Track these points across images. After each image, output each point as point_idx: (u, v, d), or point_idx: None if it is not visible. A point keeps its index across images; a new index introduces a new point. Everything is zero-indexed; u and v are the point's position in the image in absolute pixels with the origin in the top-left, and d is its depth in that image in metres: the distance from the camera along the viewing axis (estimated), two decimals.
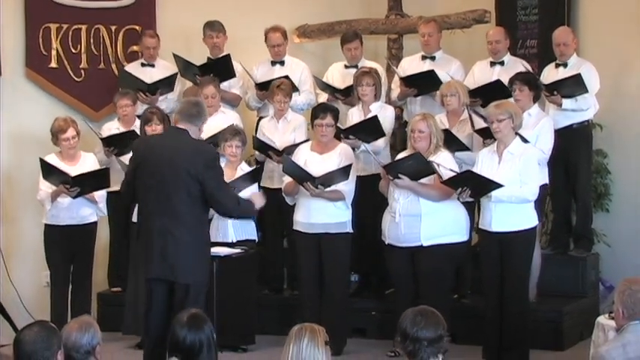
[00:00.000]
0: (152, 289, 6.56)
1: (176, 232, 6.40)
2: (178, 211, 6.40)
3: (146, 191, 6.53)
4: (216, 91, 8.83)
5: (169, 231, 6.41)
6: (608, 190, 9.26)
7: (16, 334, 4.69)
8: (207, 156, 6.55)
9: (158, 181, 6.43)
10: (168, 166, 6.42)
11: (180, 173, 6.38)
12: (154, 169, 6.47)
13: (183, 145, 6.51)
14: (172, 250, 6.41)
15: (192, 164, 6.40)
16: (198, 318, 4.98)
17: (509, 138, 7.56)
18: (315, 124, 8.16)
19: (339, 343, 7.93)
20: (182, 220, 6.41)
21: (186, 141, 6.53)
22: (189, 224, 6.43)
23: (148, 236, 6.51)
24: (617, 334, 5.07)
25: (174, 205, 6.40)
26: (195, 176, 6.38)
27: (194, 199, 6.42)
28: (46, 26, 9.71)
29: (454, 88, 8.31)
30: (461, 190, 7.49)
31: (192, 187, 6.39)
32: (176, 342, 4.89)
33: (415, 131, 7.75)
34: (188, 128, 6.56)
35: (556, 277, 8.58)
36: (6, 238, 9.40)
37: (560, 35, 8.77)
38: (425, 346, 4.53)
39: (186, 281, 6.42)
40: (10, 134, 9.47)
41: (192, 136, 6.57)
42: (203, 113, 6.67)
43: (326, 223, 8.01)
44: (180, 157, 6.44)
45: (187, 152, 6.47)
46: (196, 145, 6.59)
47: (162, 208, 6.42)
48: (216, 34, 9.31)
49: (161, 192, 6.42)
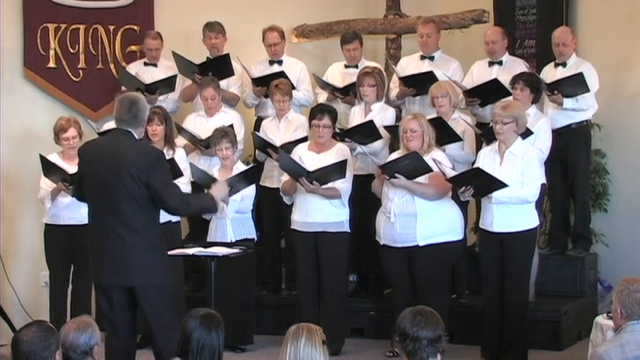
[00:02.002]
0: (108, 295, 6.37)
1: (125, 236, 6.26)
2: (125, 216, 6.26)
3: (92, 198, 6.42)
4: (215, 93, 8.81)
5: (118, 236, 6.27)
6: (607, 190, 9.26)
7: (15, 333, 4.69)
8: (151, 157, 6.37)
9: (102, 188, 6.31)
10: (110, 171, 6.27)
11: (125, 178, 6.23)
12: (97, 175, 6.35)
13: (125, 147, 6.33)
14: (121, 254, 6.27)
15: (136, 167, 6.24)
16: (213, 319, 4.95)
17: (510, 139, 7.56)
18: (312, 124, 8.17)
19: (337, 342, 7.94)
20: (130, 224, 6.27)
21: (128, 144, 6.35)
22: (138, 228, 6.28)
23: (97, 243, 6.38)
24: (616, 334, 5.07)
25: (121, 210, 6.26)
26: (139, 179, 6.23)
27: (141, 202, 6.27)
28: (44, 26, 9.70)
29: (444, 90, 8.30)
30: (464, 188, 7.49)
31: (138, 190, 6.24)
32: (185, 339, 4.87)
33: (407, 131, 7.75)
34: (130, 129, 6.39)
35: (554, 277, 8.59)
36: (4, 238, 9.40)
37: (559, 35, 8.77)
38: (425, 345, 4.53)
39: (136, 284, 6.29)
40: (9, 134, 9.46)
41: (136, 137, 6.41)
42: (141, 111, 6.40)
43: (323, 222, 8.02)
44: (123, 161, 6.27)
45: (130, 156, 6.29)
46: (139, 148, 6.42)
47: (109, 213, 6.29)
48: (215, 34, 9.31)
49: (107, 197, 6.29)
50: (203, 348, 4.84)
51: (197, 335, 4.85)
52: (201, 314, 4.93)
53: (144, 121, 6.50)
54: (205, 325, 4.88)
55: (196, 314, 4.94)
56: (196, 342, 4.84)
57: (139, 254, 6.27)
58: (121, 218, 6.25)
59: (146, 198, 6.27)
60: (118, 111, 6.42)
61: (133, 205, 6.25)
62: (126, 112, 6.36)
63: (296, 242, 8.21)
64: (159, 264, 6.36)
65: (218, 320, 4.97)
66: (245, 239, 8.11)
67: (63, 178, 8.13)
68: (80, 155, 6.62)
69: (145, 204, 6.28)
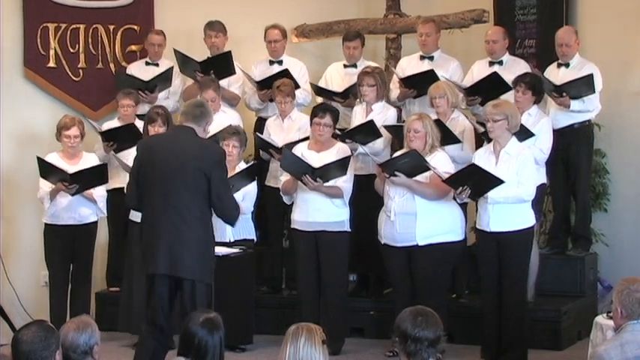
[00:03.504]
0: (155, 284, 6.46)
1: (182, 228, 6.34)
2: (184, 208, 6.34)
3: (152, 189, 6.44)
4: (216, 95, 8.80)
5: (176, 227, 6.34)
6: (607, 189, 9.25)
7: (15, 333, 4.68)
8: (217, 153, 6.54)
9: (164, 178, 6.37)
10: (175, 162, 6.36)
11: (188, 169, 6.33)
12: (160, 165, 6.41)
13: (190, 142, 6.47)
14: (178, 246, 6.34)
15: (201, 160, 6.36)
16: (214, 322, 4.95)
17: (504, 138, 7.57)
18: (314, 122, 8.16)
19: (337, 342, 7.94)
20: (188, 217, 6.35)
21: (193, 138, 6.49)
22: (196, 221, 6.37)
23: (152, 233, 6.43)
24: (616, 334, 5.07)
25: (181, 202, 6.33)
26: (203, 171, 6.32)
27: (201, 196, 6.36)
28: (44, 26, 9.71)
29: (442, 90, 8.29)
30: (461, 189, 7.49)
31: (200, 182, 6.33)
32: (188, 339, 4.88)
33: (411, 131, 7.76)
34: (194, 127, 6.53)
35: (554, 277, 8.59)
36: (4, 237, 9.40)
37: (562, 36, 8.76)
38: (425, 346, 4.53)
39: (191, 277, 6.37)
40: (9, 134, 9.46)
41: (198, 134, 6.54)
42: (207, 114, 6.63)
43: (324, 222, 8.02)
44: (188, 152, 6.40)
45: (196, 148, 6.44)
46: (204, 143, 6.59)
47: (169, 205, 6.35)
48: (215, 33, 9.30)
49: (167, 189, 6.35)
50: (206, 351, 4.85)
51: (199, 337, 4.85)
52: (203, 318, 4.93)
53: (207, 124, 6.62)
54: (208, 329, 4.89)
55: (198, 317, 4.94)
56: (198, 344, 4.85)
57: (193, 247, 6.35)
58: (180, 211, 6.33)
59: (205, 192, 6.35)
60: (188, 108, 6.66)
61: (192, 198, 6.34)
62: (196, 108, 6.60)
63: (296, 242, 8.21)
64: (208, 260, 6.47)
65: (219, 323, 4.98)
66: (244, 240, 8.11)
67: (62, 178, 8.13)
68: (139, 149, 6.67)
69: (203, 198, 6.36)
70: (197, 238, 6.38)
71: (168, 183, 6.36)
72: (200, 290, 6.39)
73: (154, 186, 6.43)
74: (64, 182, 8.13)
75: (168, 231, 6.35)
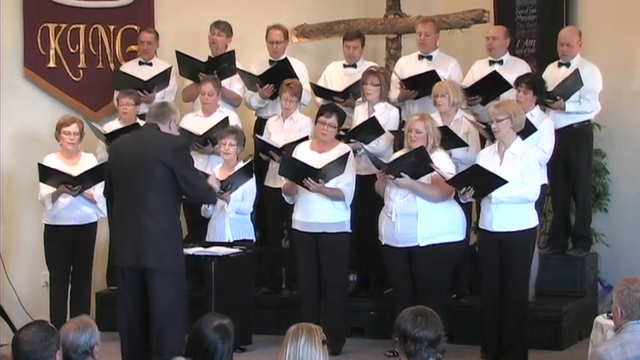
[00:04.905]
0: (124, 276, 6.76)
1: (146, 220, 6.60)
2: (147, 200, 6.60)
3: (118, 186, 6.79)
4: (214, 90, 8.79)
5: (139, 219, 6.61)
6: (607, 189, 9.25)
7: (15, 333, 4.69)
8: (173, 142, 6.79)
9: (127, 173, 6.68)
10: (136, 157, 6.66)
11: (148, 161, 6.61)
12: (124, 162, 6.74)
13: (151, 136, 6.80)
14: (142, 237, 6.60)
15: (158, 150, 6.64)
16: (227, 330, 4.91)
17: (509, 138, 7.57)
18: (319, 121, 8.15)
19: (337, 342, 7.94)
20: (152, 208, 6.61)
21: (154, 133, 6.80)
22: (159, 213, 6.62)
23: (120, 227, 6.80)
24: (616, 334, 5.07)
25: (144, 194, 6.60)
26: (161, 161, 6.59)
27: (163, 188, 6.62)
28: (44, 26, 9.71)
29: (445, 89, 8.29)
30: (465, 189, 7.48)
31: (161, 173, 6.60)
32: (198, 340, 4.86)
33: (412, 131, 7.75)
34: (157, 124, 6.83)
35: (555, 277, 8.58)
36: (4, 238, 9.40)
37: (564, 35, 8.76)
38: (425, 346, 4.53)
39: (154, 266, 6.59)
40: (9, 134, 9.47)
41: (161, 130, 6.82)
42: (169, 112, 6.92)
43: (324, 223, 8.01)
44: (147, 146, 6.70)
45: (154, 141, 6.73)
46: (164, 135, 6.83)
47: (132, 198, 6.65)
48: (218, 32, 9.29)
49: (130, 183, 6.66)
50: (214, 356, 4.81)
51: (210, 340, 4.80)
52: (217, 322, 4.86)
53: (170, 120, 6.88)
54: (220, 335, 4.83)
55: (212, 321, 4.88)
56: (208, 347, 4.80)
57: (155, 237, 6.58)
58: (143, 203, 6.60)
59: (169, 183, 6.61)
60: (150, 109, 7.10)
61: (156, 190, 6.60)
62: (157, 109, 6.96)
63: (297, 242, 8.21)
64: (173, 249, 6.67)
65: (232, 332, 4.93)
66: (244, 240, 8.11)
67: (65, 181, 8.13)
68: (110, 148, 7.12)
69: (167, 189, 6.63)
70: (161, 230, 6.62)
71: (130, 177, 6.66)
72: (166, 280, 6.59)
73: (120, 183, 6.77)
74: (68, 185, 8.13)
75: (133, 224, 6.64)
